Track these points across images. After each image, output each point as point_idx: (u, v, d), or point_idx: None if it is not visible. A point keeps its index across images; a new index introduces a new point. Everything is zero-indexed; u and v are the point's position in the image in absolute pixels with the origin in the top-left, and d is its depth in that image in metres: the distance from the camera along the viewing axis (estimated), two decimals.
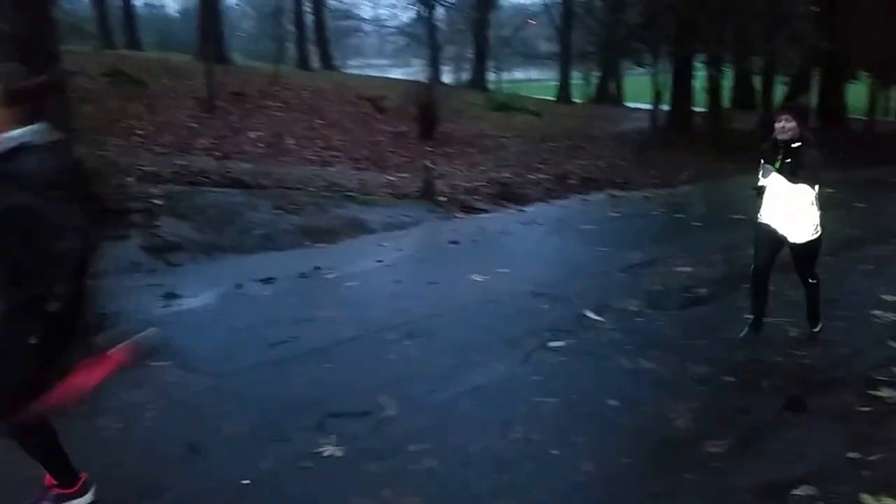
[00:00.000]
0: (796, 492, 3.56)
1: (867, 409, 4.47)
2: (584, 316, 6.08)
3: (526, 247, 9.06)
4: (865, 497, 3.50)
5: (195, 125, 14.54)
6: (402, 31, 38.62)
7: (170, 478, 3.59)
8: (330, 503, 3.47)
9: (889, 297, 6.59)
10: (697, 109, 21.04)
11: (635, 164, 16.31)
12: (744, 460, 3.90)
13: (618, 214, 11.34)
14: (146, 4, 45.98)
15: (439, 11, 37.56)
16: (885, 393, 4.65)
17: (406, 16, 38.38)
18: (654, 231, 10.49)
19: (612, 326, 5.91)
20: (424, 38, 35.98)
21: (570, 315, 6.10)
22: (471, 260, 8.04)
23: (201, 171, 10.79)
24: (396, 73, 35.45)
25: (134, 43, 28.85)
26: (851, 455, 3.90)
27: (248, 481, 3.56)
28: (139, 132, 13.28)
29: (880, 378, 4.85)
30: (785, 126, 5.11)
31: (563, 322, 5.93)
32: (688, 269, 7.65)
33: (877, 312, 6.24)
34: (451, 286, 6.97)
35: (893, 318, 6.15)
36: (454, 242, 8.79)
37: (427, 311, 6.12)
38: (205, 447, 3.87)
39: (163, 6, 51.08)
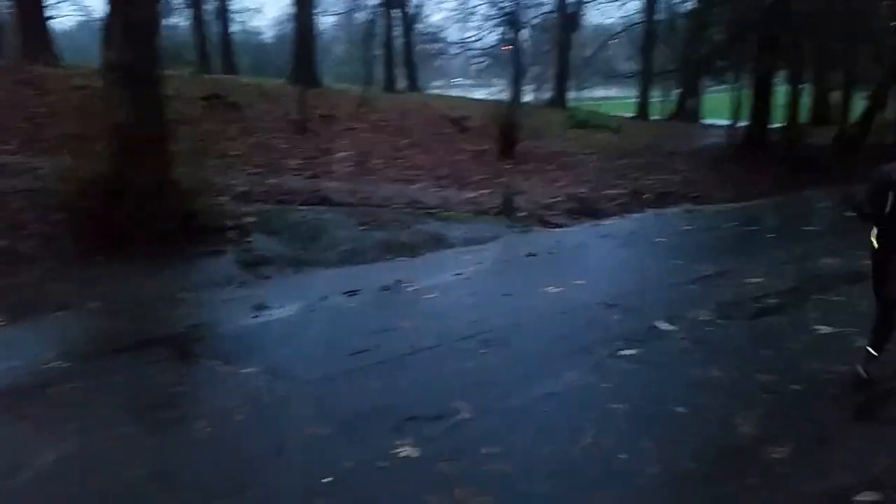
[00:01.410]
0: (859, 497, 3.59)
1: None
2: (656, 326, 6.17)
3: (601, 259, 9.20)
4: None
5: (286, 146, 15.07)
6: (486, 52, 38.96)
7: (256, 476, 3.84)
8: (405, 500, 3.65)
9: None
10: (775, 125, 20.74)
11: (711, 178, 16.15)
12: (807, 466, 3.94)
13: (691, 228, 11.36)
14: (243, 31, 47.81)
15: (523, 33, 37.80)
16: None
17: (491, 38, 38.73)
18: (727, 243, 10.42)
19: (683, 336, 5.99)
20: (508, 58, 36.22)
21: (642, 325, 6.20)
22: (547, 272, 8.18)
23: (291, 189, 11.25)
24: (479, 94, 35.78)
25: (230, 68, 29.82)
26: None
27: (328, 479, 3.77)
28: (234, 153, 13.83)
29: None
30: None
31: (635, 332, 6.03)
32: (759, 279, 7.62)
33: None
34: (527, 297, 7.13)
35: None
36: (531, 255, 8.93)
37: (503, 322, 6.29)
38: (288, 448, 4.10)
39: (259, 33, 52.99)
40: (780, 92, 21.26)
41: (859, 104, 22.72)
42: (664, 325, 6.18)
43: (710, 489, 3.80)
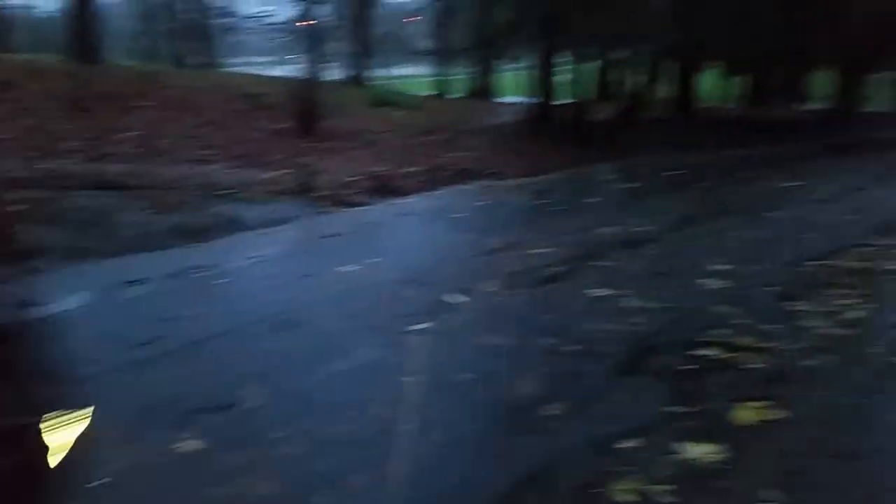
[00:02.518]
0: (622, 444, 3.91)
1: (687, 367, 4.95)
2: (445, 299, 6.36)
3: (398, 237, 9.39)
4: (685, 444, 3.88)
5: (65, 128, 14.05)
6: (283, 27, 38.22)
7: None
8: (184, 496, 3.53)
9: (714, 267, 7.28)
10: (565, 102, 22.08)
11: (506, 155, 16.96)
12: (576, 420, 4.23)
13: (485, 203, 11.85)
14: (21, 6, 43.62)
15: (321, 8, 37.27)
16: (702, 352, 5.16)
17: (288, 13, 37.94)
18: (518, 217, 11.04)
19: (473, 307, 6.23)
20: (305, 34, 35.65)
21: (433, 298, 6.36)
22: (344, 252, 8.19)
23: (69, 174, 10.51)
24: (279, 71, 34.99)
25: (3, 46, 27.44)
26: (672, 409, 4.32)
27: (103, 482, 3.58)
28: (4, 137, 12.77)
29: (700, 340, 5.37)
30: None
31: (427, 306, 6.17)
32: (544, 250, 8.06)
33: (703, 281, 6.88)
34: (322, 278, 7.10)
35: (716, 286, 6.77)
36: (329, 236, 8.95)
37: (297, 304, 6.24)
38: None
39: (34, 7, 48.54)
40: (570, 70, 22.59)
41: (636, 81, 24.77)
42: (454, 298, 6.38)
43: (487, 448, 3.99)
